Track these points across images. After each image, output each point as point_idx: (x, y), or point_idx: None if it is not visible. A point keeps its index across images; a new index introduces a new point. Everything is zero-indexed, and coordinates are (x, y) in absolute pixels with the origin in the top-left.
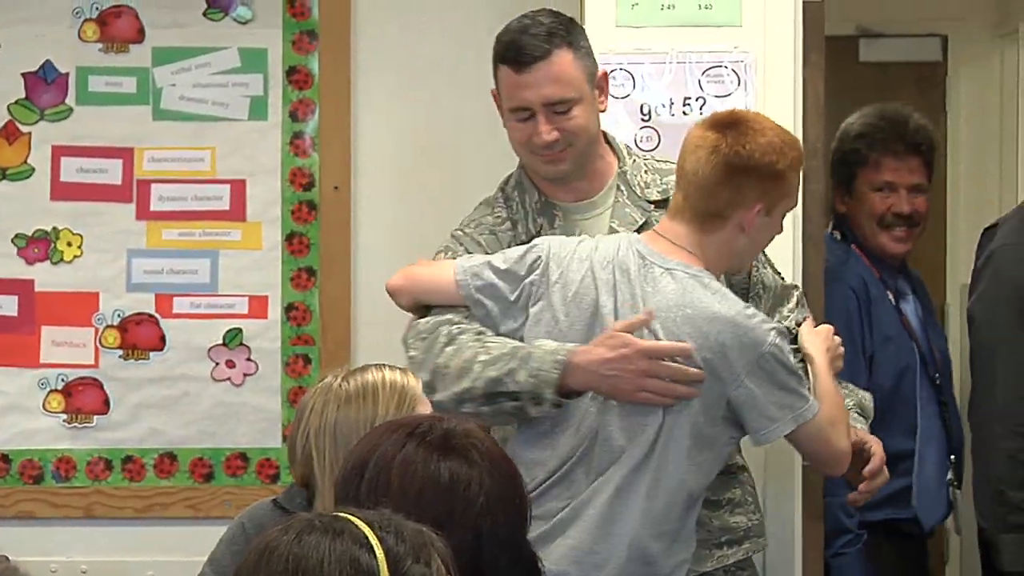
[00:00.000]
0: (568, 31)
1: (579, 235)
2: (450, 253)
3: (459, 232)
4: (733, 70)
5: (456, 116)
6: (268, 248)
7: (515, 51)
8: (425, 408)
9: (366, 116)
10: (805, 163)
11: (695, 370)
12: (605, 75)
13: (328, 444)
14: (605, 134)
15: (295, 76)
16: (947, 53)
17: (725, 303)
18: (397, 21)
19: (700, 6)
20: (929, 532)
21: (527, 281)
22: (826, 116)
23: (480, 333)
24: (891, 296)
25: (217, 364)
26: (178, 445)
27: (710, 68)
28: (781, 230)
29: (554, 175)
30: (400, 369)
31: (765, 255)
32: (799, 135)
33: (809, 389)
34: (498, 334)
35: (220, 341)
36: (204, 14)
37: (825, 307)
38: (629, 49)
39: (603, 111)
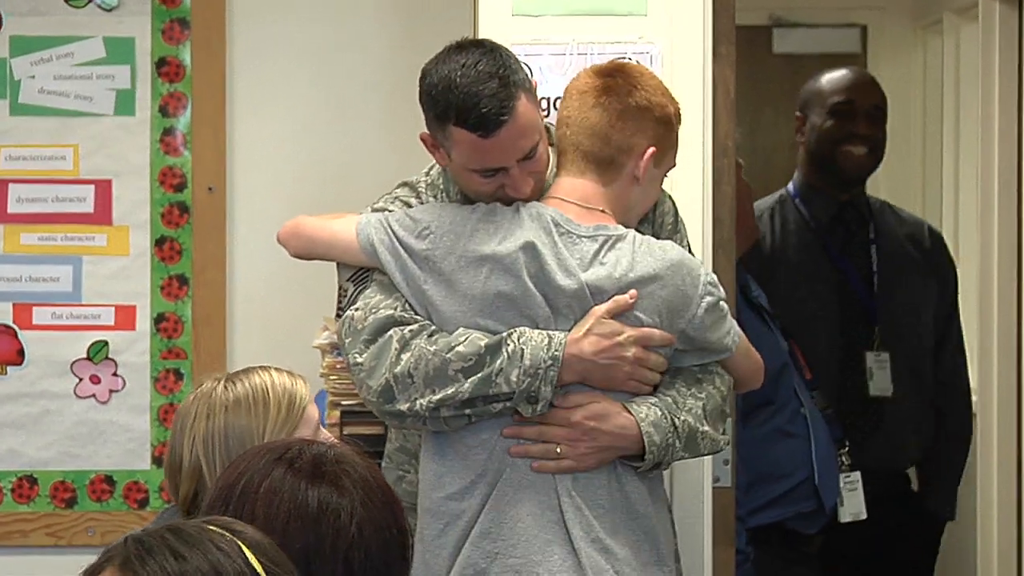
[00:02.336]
0: (510, 68)
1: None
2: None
3: (379, 204)
4: (638, 62)
5: (342, 110)
6: (136, 254)
7: (478, 118)
8: (314, 411)
9: (243, 111)
10: (715, 162)
11: (666, 359)
12: (535, 83)
13: (219, 452)
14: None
15: (165, 68)
16: (866, 44)
17: (657, 256)
18: (276, 8)
19: None
20: (829, 526)
21: (421, 249)
22: (737, 112)
23: (432, 332)
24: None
25: (81, 380)
26: (38, 467)
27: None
28: (659, 193)
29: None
30: (287, 371)
31: (684, 227)
32: (708, 132)
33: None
34: (408, 303)
35: (84, 355)
36: (67, 0)
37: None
38: (526, 40)
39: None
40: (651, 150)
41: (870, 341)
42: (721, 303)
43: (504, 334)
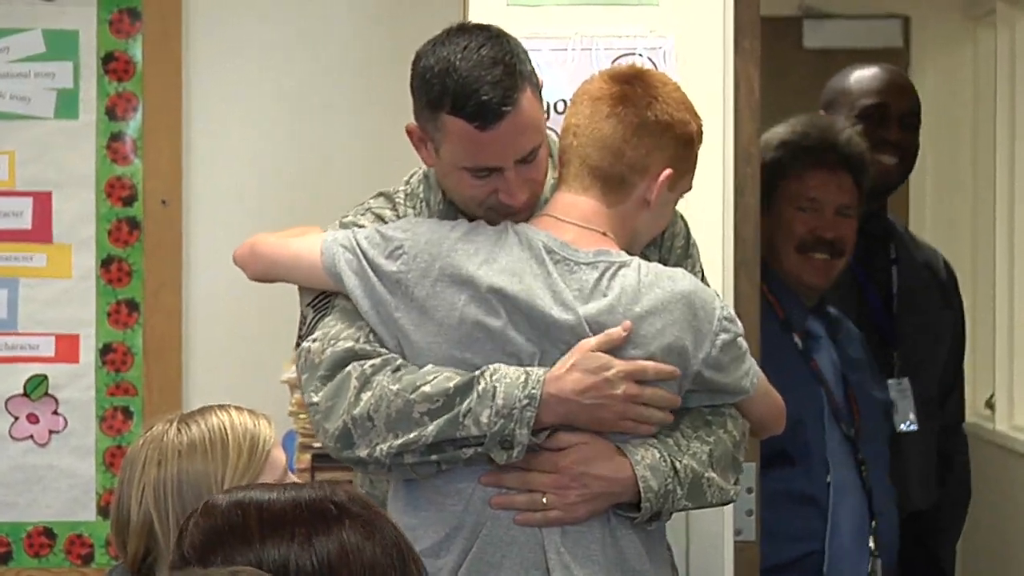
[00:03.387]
0: (518, 57)
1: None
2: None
3: (349, 218)
4: (649, 58)
5: (312, 112)
6: (79, 276)
7: (477, 106)
8: (280, 455)
9: (201, 113)
10: (737, 172)
11: (674, 395)
12: (541, 82)
13: (172, 504)
14: None
15: (113, 64)
16: (909, 38)
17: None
18: None
19: None
20: None
21: (392, 271)
22: (763, 115)
23: (398, 368)
24: (797, 340)
25: (17, 419)
26: None
27: (621, 56)
28: (670, 219)
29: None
30: (248, 410)
31: (697, 251)
32: (729, 137)
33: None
34: (375, 333)
35: (20, 391)
36: None
37: None
38: (523, 33)
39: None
40: (667, 172)
41: (890, 366)
42: (739, 340)
43: (478, 371)
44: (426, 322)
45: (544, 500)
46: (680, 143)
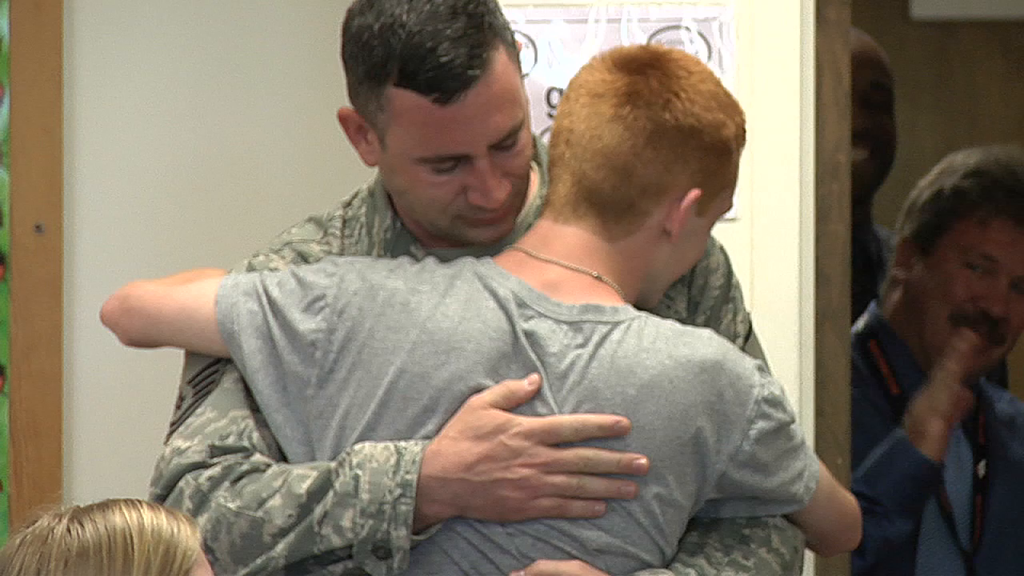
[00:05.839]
0: (484, 6)
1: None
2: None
3: (261, 257)
4: (700, 33)
5: (232, 105)
6: None
7: (434, 71)
8: (205, 572)
9: (88, 109)
10: (819, 190)
11: (631, 455)
12: (519, 45)
13: None
14: None
15: None
16: None
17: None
18: None
19: None
20: None
21: (307, 330)
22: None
23: (240, 478)
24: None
25: None
26: None
27: (662, 30)
28: (702, 250)
29: (491, 240)
30: (166, 510)
31: (740, 294)
32: (809, 142)
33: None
34: (268, 425)
35: None
36: None
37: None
38: (526, 0)
39: None
40: (694, 194)
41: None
42: (787, 430)
43: (337, 459)
44: (345, 399)
45: None
46: (711, 153)
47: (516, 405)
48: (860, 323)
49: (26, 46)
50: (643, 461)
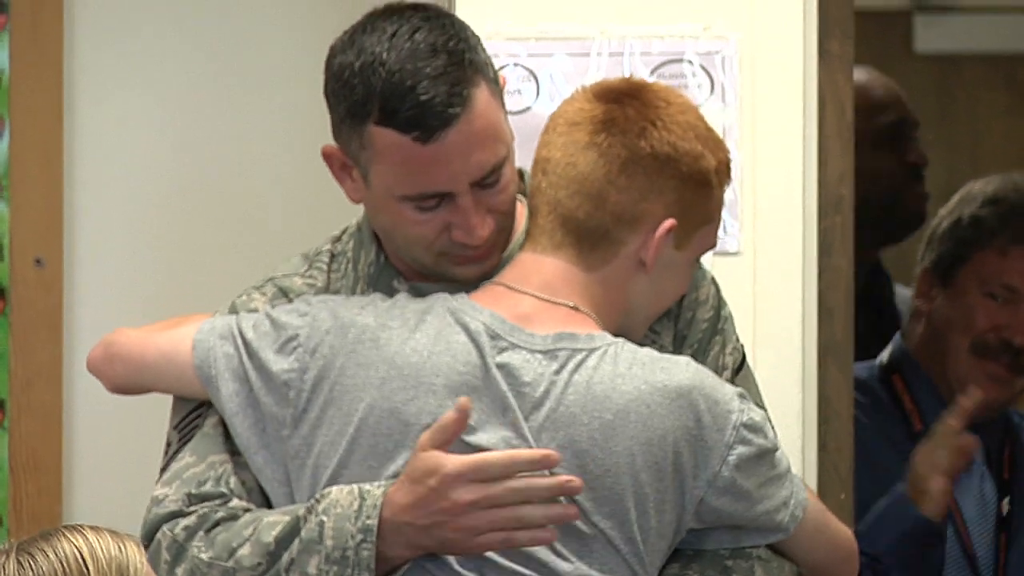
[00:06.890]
0: (465, 42)
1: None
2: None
3: (244, 296)
4: (702, 66)
5: (232, 143)
6: None
7: (414, 109)
8: None
9: (88, 143)
10: (822, 223)
11: (563, 477)
12: (503, 81)
13: None
14: None
15: None
16: None
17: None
18: None
19: None
20: None
21: (280, 371)
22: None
23: (215, 526)
24: None
25: None
26: None
27: (664, 64)
28: (685, 284)
29: (477, 277)
30: (109, 532)
31: (732, 326)
32: (812, 175)
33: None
34: (249, 468)
35: None
36: None
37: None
38: (528, 34)
39: None
40: (668, 223)
41: None
42: (769, 457)
43: (305, 505)
44: (318, 439)
45: None
46: (688, 183)
47: (453, 438)
48: (884, 355)
49: (26, 79)
50: (577, 483)
